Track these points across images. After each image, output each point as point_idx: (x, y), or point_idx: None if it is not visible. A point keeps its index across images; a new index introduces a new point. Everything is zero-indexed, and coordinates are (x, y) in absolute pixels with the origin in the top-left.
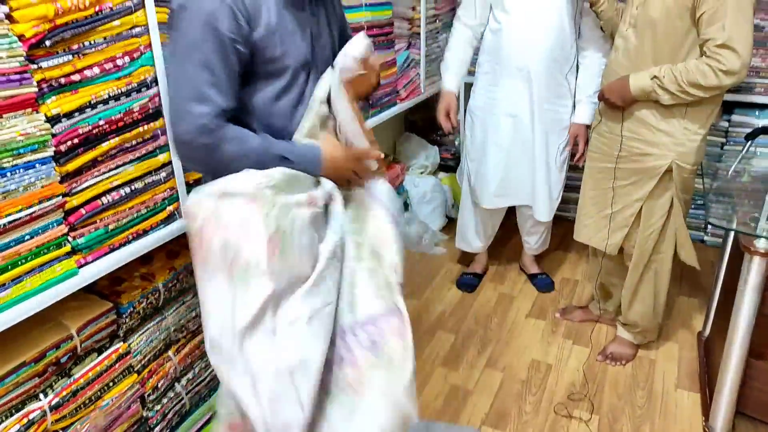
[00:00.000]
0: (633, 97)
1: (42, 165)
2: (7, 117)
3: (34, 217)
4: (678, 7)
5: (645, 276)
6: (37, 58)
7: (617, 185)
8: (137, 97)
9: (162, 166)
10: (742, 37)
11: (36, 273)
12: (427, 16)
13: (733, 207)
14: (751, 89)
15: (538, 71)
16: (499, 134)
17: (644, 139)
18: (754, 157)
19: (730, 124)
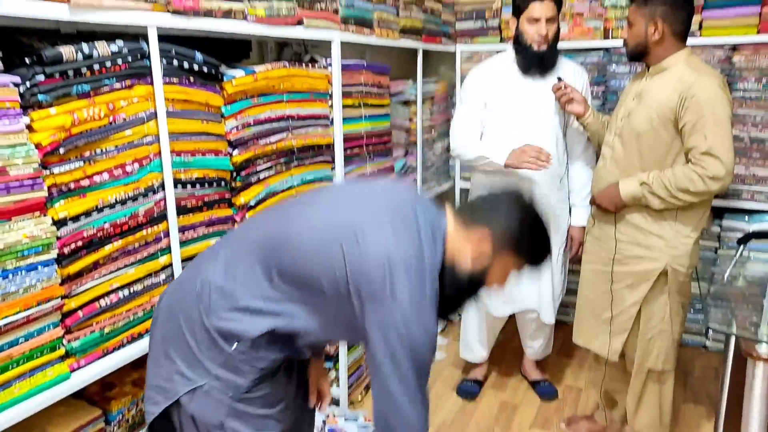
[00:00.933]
0: (624, 203)
1: (44, 267)
2: (15, 220)
3: (31, 320)
4: (661, 119)
5: (648, 382)
6: (50, 164)
7: (614, 288)
8: (143, 201)
9: (162, 269)
10: (724, 146)
11: (26, 377)
12: (423, 127)
13: (732, 311)
14: (738, 195)
15: (540, 179)
16: None
17: (638, 243)
18: (748, 262)
19: (722, 229)
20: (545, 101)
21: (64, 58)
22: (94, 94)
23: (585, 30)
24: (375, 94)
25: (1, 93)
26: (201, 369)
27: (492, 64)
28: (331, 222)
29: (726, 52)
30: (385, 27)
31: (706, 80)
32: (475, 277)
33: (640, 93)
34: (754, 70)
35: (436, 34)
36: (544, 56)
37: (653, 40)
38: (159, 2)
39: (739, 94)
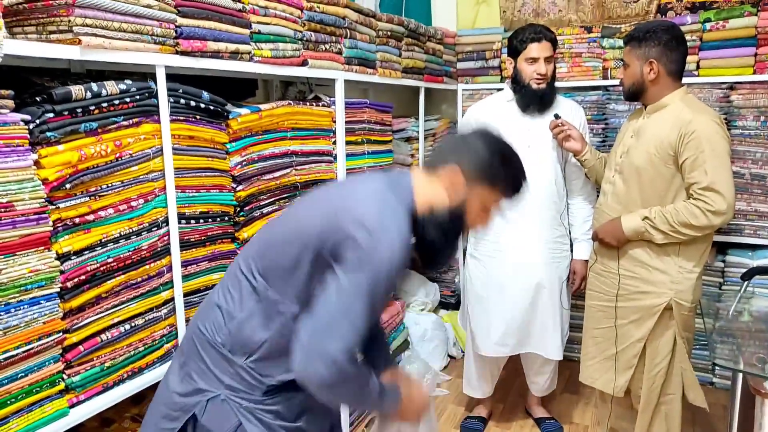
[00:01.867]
0: (626, 238)
1: (47, 301)
2: (20, 254)
3: (32, 354)
4: (661, 156)
5: (655, 419)
6: (55, 200)
7: (619, 324)
8: (147, 236)
9: (164, 303)
10: (725, 180)
11: (24, 413)
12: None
13: (738, 347)
14: (741, 231)
15: (539, 216)
16: (502, 280)
17: (641, 278)
18: (752, 297)
19: (726, 265)
20: (543, 138)
21: (73, 96)
22: (102, 132)
23: (584, 69)
24: (378, 131)
25: (11, 130)
26: (215, 380)
27: (490, 102)
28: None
29: (724, 90)
30: (388, 67)
31: (704, 117)
32: (455, 214)
33: (638, 130)
34: (751, 109)
35: (437, 73)
36: (544, 95)
37: (649, 79)
38: (167, 43)
39: (738, 132)
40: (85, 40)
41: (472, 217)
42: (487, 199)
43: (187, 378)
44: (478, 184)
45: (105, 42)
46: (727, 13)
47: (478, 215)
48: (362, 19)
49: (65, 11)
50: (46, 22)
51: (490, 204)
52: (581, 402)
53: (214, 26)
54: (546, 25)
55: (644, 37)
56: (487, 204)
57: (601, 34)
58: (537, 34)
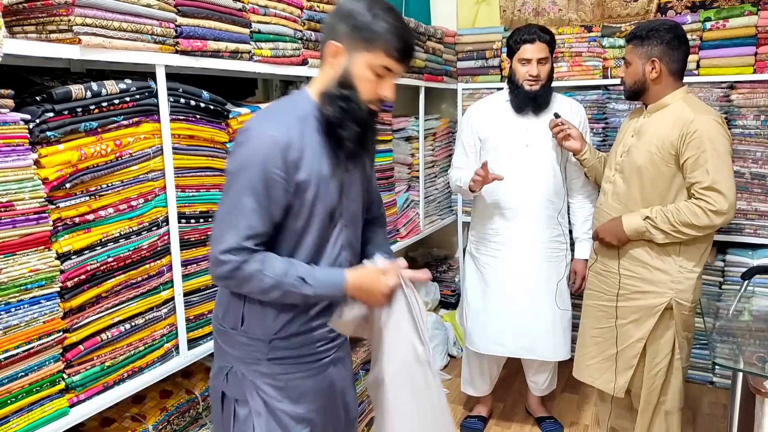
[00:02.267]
0: (627, 237)
1: (47, 301)
2: (20, 254)
3: (32, 353)
4: (662, 155)
5: (655, 419)
6: (55, 199)
7: (619, 324)
8: (147, 236)
9: (164, 303)
10: (726, 180)
11: (25, 413)
12: (425, 162)
13: (738, 347)
14: (741, 230)
15: (535, 214)
16: (500, 278)
17: (642, 277)
18: (753, 296)
19: (726, 264)
20: (541, 138)
21: (73, 95)
22: (102, 131)
23: (584, 69)
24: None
25: (11, 130)
26: (226, 355)
27: (489, 101)
28: None
29: (724, 90)
30: None
31: (706, 117)
32: (342, 85)
33: (639, 129)
34: (752, 108)
35: (438, 72)
36: (537, 96)
37: (651, 78)
38: (167, 43)
39: (738, 131)
40: (84, 40)
41: (363, 85)
42: (371, 63)
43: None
44: (355, 51)
45: (105, 41)
46: (728, 12)
47: (369, 82)
48: None
49: (65, 11)
50: (46, 22)
51: (377, 68)
52: (581, 401)
53: (214, 25)
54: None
55: (647, 35)
56: (374, 69)
57: (601, 33)
58: (531, 35)
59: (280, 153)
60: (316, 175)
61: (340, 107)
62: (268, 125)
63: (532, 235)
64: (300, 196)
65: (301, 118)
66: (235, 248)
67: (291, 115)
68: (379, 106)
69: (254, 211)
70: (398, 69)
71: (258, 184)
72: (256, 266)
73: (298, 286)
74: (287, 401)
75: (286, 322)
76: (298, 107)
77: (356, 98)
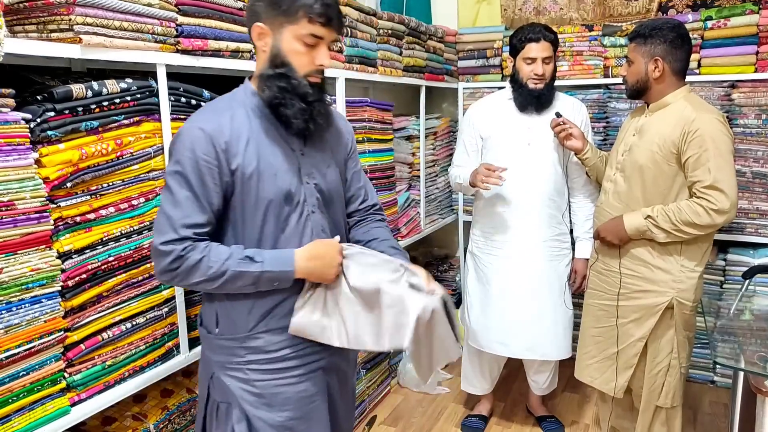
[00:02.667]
0: (628, 236)
1: (48, 300)
2: (21, 253)
3: (33, 353)
4: (663, 153)
5: (656, 418)
6: (56, 198)
7: (620, 323)
8: (148, 235)
9: (165, 302)
10: (728, 179)
11: (26, 411)
12: (426, 161)
13: (739, 346)
14: (742, 229)
15: (537, 213)
16: (502, 277)
17: (643, 277)
18: (754, 296)
19: (727, 263)
20: (542, 137)
21: (74, 95)
22: (103, 130)
23: (585, 68)
24: (379, 129)
25: (12, 129)
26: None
27: (490, 100)
28: None
29: (725, 89)
30: (389, 65)
31: (708, 115)
32: (275, 63)
33: (641, 128)
34: (753, 107)
35: (438, 72)
36: (541, 95)
37: (654, 77)
38: (168, 42)
39: (739, 130)
40: (85, 39)
41: (295, 59)
42: (297, 34)
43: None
44: (280, 26)
45: (106, 41)
46: (729, 11)
47: (300, 54)
48: (363, 18)
49: (66, 10)
50: (47, 21)
51: (305, 38)
52: (582, 401)
53: (214, 25)
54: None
55: (650, 34)
56: (302, 39)
57: (602, 32)
58: (536, 35)
59: (208, 141)
60: (257, 161)
61: (278, 87)
62: (196, 119)
63: (534, 233)
64: (242, 183)
65: (236, 107)
66: (174, 239)
67: (224, 106)
68: (320, 76)
69: (189, 199)
70: (326, 33)
71: (190, 173)
72: (199, 255)
73: (245, 264)
74: (265, 408)
75: (261, 317)
76: (235, 98)
77: (293, 74)
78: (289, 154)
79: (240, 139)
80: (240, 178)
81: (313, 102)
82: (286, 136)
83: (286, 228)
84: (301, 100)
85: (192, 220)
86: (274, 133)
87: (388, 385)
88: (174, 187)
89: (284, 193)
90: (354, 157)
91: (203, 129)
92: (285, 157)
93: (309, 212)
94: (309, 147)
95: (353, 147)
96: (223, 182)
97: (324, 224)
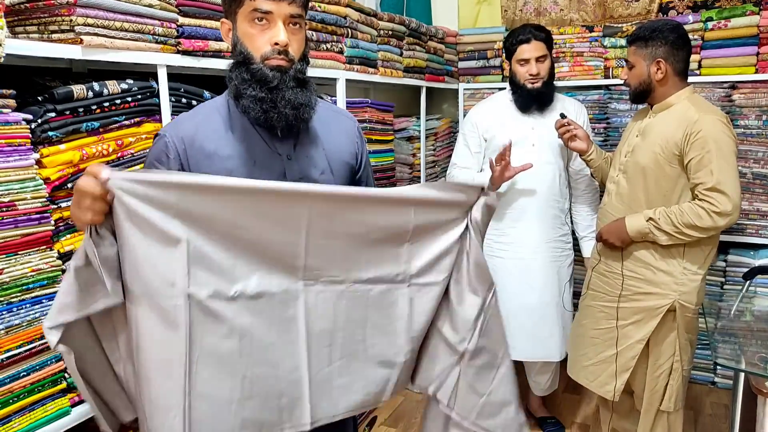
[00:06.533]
0: (631, 239)
1: (49, 301)
2: (22, 254)
3: (34, 353)
4: (666, 155)
5: (658, 421)
6: (57, 199)
7: (620, 325)
8: None
9: None
10: (730, 181)
11: (27, 412)
12: (426, 162)
13: (740, 347)
14: (743, 230)
15: (540, 214)
16: (506, 280)
17: (645, 279)
18: (754, 297)
19: (728, 264)
20: (545, 137)
21: (75, 95)
22: (104, 131)
23: (586, 69)
24: (379, 130)
25: (13, 130)
26: None
27: (492, 101)
28: None
29: (725, 90)
30: (389, 66)
31: (711, 117)
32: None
33: (644, 130)
34: (754, 108)
35: (439, 72)
36: (540, 94)
37: (657, 79)
38: (169, 43)
39: (740, 131)
40: (86, 40)
41: (250, 42)
42: (245, 14)
43: None
44: (234, 15)
45: (106, 41)
46: (729, 12)
47: (253, 36)
48: (363, 19)
49: (67, 11)
50: (48, 22)
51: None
52: (583, 402)
53: (215, 26)
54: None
55: (650, 36)
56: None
57: (602, 33)
58: (526, 35)
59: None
60: (225, 166)
61: (239, 78)
62: (167, 127)
63: (537, 235)
64: None
65: (211, 113)
66: None
67: (198, 113)
68: (283, 58)
69: None
70: (273, 7)
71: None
72: None
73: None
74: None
75: None
76: (214, 103)
77: (250, 59)
78: (272, 159)
79: (206, 148)
80: None
81: (275, 88)
82: (271, 140)
83: None
84: (260, 86)
85: None
86: (255, 136)
87: None
88: None
89: None
90: (365, 161)
91: (164, 135)
92: (266, 163)
93: None
94: (299, 150)
95: (362, 148)
96: None
97: None
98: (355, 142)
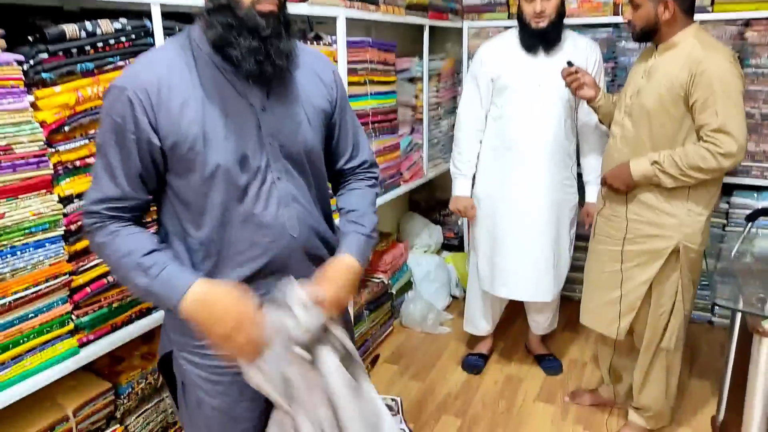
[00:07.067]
0: (635, 182)
1: (52, 244)
2: (22, 198)
3: (40, 295)
4: (671, 96)
5: (656, 358)
6: (55, 143)
7: (624, 267)
8: None
9: None
10: (735, 122)
11: (37, 352)
12: (430, 104)
13: (738, 287)
14: (747, 172)
15: (545, 156)
16: (507, 221)
17: (650, 221)
18: (756, 238)
19: (731, 206)
20: (552, 79)
21: (67, 35)
22: (98, 72)
23: (594, 5)
24: (381, 71)
25: (5, 71)
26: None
27: (500, 41)
28: None
29: (738, 27)
30: (391, 3)
31: (716, 56)
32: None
33: (649, 70)
34: (766, 46)
35: (442, 10)
36: (544, 33)
37: (663, 19)
38: None
39: (750, 71)
40: None
41: None
42: None
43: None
44: None
45: None
46: None
47: None
48: None
49: None
50: None
51: None
52: (580, 340)
53: None
54: None
55: None
56: None
57: None
58: None
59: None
60: (200, 125)
61: (222, 24)
62: (122, 75)
63: (542, 176)
64: (181, 154)
65: (174, 57)
66: (87, 211)
67: (159, 57)
68: (274, 3)
69: (104, 170)
70: None
71: (107, 140)
72: (103, 239)
73: (134, 273)
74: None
75: None
76: (176, 45)
77: (237, 4)
78: (245, 110)
79: (174, 99)
80: (176, 148)
81: (268, 38)
82: (243, 89)
83: (244, 199)
84: (252, 36)
85: (103, 194)
86: (226, 85)
87: (390, 325)
88: (96, 156)
89: (238, 157)
90: (341, 106)
91: (124, 88)
92: (239, 115)
93: (273, 180)
94: (273, 100)
95: (339, 93)
96: (148, 151)
97: (296, 193)
98: (331, 87)
